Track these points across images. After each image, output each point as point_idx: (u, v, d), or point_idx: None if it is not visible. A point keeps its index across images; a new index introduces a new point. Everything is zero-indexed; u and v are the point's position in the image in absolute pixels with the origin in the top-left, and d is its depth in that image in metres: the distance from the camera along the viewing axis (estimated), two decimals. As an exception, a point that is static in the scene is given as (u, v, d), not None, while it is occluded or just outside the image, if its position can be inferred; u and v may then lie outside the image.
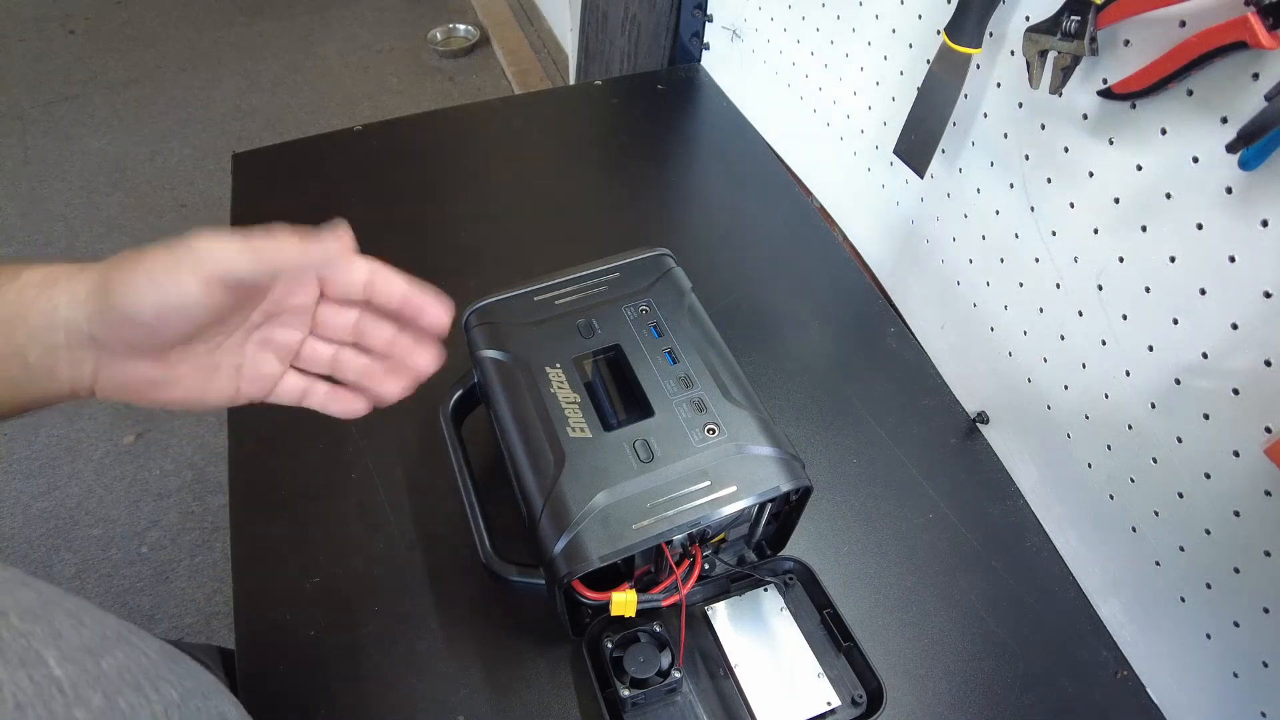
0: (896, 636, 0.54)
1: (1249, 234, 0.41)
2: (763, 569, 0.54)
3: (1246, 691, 0.47)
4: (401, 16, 2.64)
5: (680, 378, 0.49)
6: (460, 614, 0.54)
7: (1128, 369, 0.51)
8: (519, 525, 0.49)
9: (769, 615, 0.52)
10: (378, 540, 0.58)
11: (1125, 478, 0.53)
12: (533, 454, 0.47)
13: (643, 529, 0.43)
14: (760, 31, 0.88)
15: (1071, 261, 0.54)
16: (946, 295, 0.69)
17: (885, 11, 0.67)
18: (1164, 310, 0.47)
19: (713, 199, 0.86)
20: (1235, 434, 0.44)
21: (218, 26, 2.56)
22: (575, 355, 0.51)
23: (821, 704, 0.48)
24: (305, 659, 0.52)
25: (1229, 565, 0.46)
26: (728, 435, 0.46)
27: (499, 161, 0.89)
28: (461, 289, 0.56)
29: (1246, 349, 0.43)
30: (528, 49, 2.39)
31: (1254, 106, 0.39)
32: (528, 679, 0.52)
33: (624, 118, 0.97)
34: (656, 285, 0.55)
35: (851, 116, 0.76)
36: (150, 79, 2.34)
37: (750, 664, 0.50)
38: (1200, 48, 0.39)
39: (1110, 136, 0.49)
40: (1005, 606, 0.56)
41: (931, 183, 0.67)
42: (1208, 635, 0.49)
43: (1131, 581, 0.54)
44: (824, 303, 0.75)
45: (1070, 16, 0.46)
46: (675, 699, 0.49)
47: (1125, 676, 0.54)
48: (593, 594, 0.45)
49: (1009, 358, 0.63)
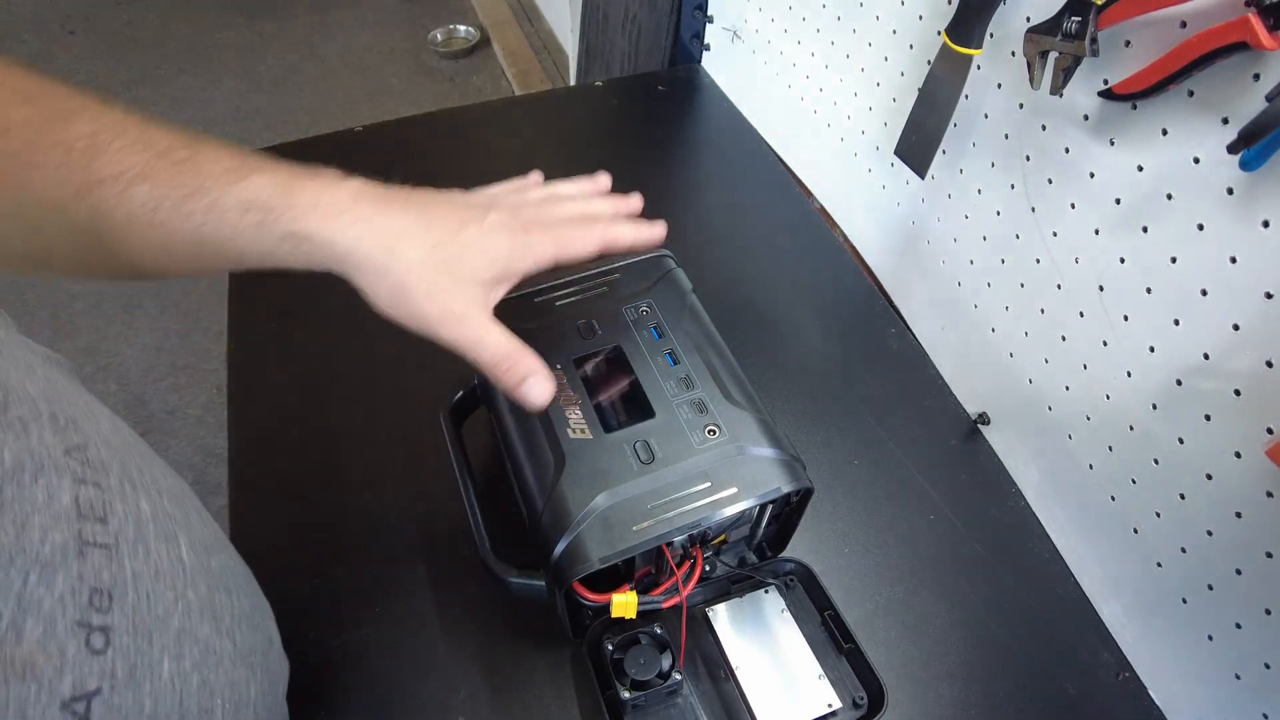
0: (898, 638, 0.54)
1: (1250, 235, 0.41)
2: (763, 570, 0.53)
3: (1248, 693, 0.47)
4: (401, 17, 2.65)
5: (681, 379, 0.49)
6: (460, 615, 0.54)
7: (1129, 370, 0.51)
8: (519, 527, 0.49)
9: (770, 617, 0.52)
10: (377, 542, 0.58)
11: (1127, 479, 0.53)
12: (533, 455, 0.47)
13: (643, 530, 0.43)
14: (761, 32, 0.88)
15: (1073, 262, 0.54)
16: (947, 296, 0.69)
17: (886, 12, 0.67)
18: (1165, 311, 0.47)
19: (713, 200, 0.86)
20: (1237, 435, 0.44)
21: (218, 27, 2.56)
22: (575, 356, 0.50)
23: (822, 706, 0.48)
24: (305, 660, 0.51)
25: (1231, 566, 0.46)
26: (728, 436, 0.46)
27: (499, 162, 0.89)
28: (462, 290, 0.57)
29: (1248, 350, 0.42)
30: (528, 50, 2.39)
31: (1255, 107, 0.39)
32: (528, 680, 0.51)
33: (624, 119, 0.97)
34: (657, 286, 0.55)
35: (852, 117, 0.76)
36: (150, 80, 2.34)
37: (751, 666, 0.49)
38: (1201, 48, 0.39)
39: (1111, 137, 0.48)
40: (1006, 608, 0.56)
41: (932, 183, 0.67)
42: (1209, 637, 0.49)
43: (1133, 583, 0.54)
44: (825, 304, 0.75)
45: (1071, 17, 0.46)
46: (676, 701, 0.49)
47: (1127, 678, 0.54)
48: (593, 595, 0.44)
49: (1010, 358, 0.63)
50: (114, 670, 0.27)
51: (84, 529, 0.27)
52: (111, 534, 0.28)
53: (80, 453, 0.29)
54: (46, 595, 0.24)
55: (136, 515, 0.31)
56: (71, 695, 0.25)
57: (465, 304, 0.38)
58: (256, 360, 0.69)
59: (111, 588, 0.27)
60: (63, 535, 0.26)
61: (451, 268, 0.38)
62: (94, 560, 0.27)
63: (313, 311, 0.71)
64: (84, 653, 0.25)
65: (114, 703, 0.26)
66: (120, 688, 0.27)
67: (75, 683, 0.25)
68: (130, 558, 0.29)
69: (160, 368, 1.68)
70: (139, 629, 0.28)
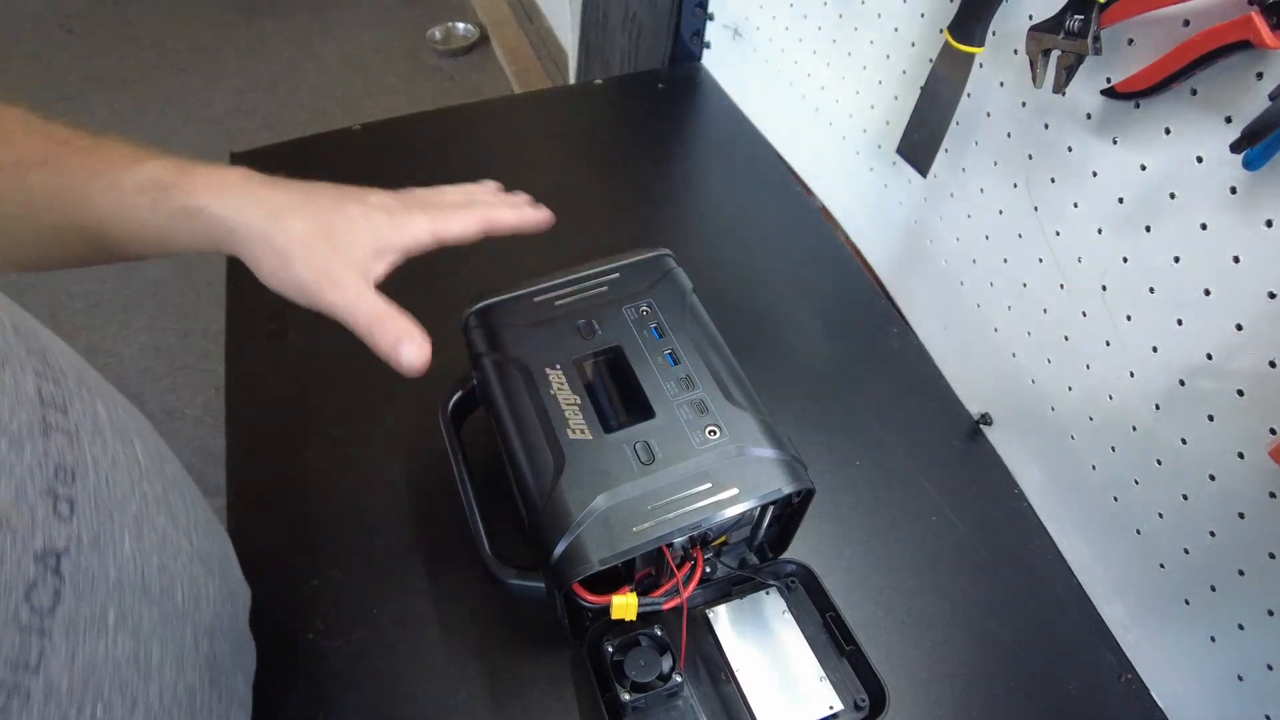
0: (899, 640, 0.54)
1: (1253, 234, 0.41)
2: (764, 572, 0.53)
3: (1251, 695, 0.47)
4: (401, 16, 2.64)
5: (681, 379, 0.49)
6: (460, 617, 0.54)
7: (1132, 370, 0.51)
8: (519, 528, 0.48)
9: (771, 618, 0.52)
10: (376, 543, 0.57)
11: (1129, 479, 0.53)
12: (532, 456, 0.46)
13: (643, 531, 0.43)
14: (761, 30, 0.88)
15: (1075, 262, 0.54)
16: (949, 296, 0.69)
17: (887, 10, 0.66)
18: (1168, 311, 0.47)
19: (714, 199, 0.86)
20: (1240, 436, 0.44)
21: (216, 26, 2.56)
22: (575, 356, 0.50)
23: (824, 708, 0.48)
24: (304, 662, 0.51)
25: (1233, 568, 0.46)
26: (729, 437, 0.46)
27: (499, 161, 0.89)
28: (461, 290, 0.56)
29: (1251, 350, 0.42)
30: (528, 48, 2.39)
31: (1258, 106, 0.38)
32: (528, 682, 0.51)
33: (624, 117, 0.96)
34: (657, 286, 0.55)
35: (854, 115, 0.76)
36: (149, 79, 2.34)
37: (752, 667, 0.49)
38: (1204, 47, 0.39)
39: (1114, 136, 0.48)
40: (1008, 609, 0.56)
41: (934, 182, 0.67)
42: (1212, 638, 0.49)
43: (1136, 584, 0.54)
44: (826, 303, 0.75)
45: (1073, 15, 0.46)
46: (676, 703, 0.49)
47: (1129, 680, 0.54)
48: (593, 597, 0.44)
49: (1012, 359, 0.62)
50: (80, 536, 0.28)
51: (47, 415, 0.29)
52: (72, 424, 0.30)
53: (40, 356, 0.30)
54: (17, 463, 0.26)
55: (94, 414, 0.32)
56: (43, 549, 0.26)
57: (342, 270, 0.39)
58: (255, 361, 0.69)
59: (74, 467, 0.29)
60: (28, 416, 0.27)
61: (331, 236, 0.39)
62: (57, 441, 0.29)
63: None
64: (52, 517, 0.27)
65: (81, 564, 0.28)
66: (86, 552, 0.29)
67: (45, 541, 0.26)
68: (90, 445, 0.31)
69: (158, 368, 1.68)
70: (100, 506, 0.30)
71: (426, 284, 0.52)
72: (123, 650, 0.30)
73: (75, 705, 0.27)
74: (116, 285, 1.79)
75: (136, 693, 0.31)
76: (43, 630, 0.25)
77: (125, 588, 0.31)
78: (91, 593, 0.29)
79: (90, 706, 0.28)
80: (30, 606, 0.25)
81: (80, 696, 0.27)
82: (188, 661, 0.36)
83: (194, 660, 0.36)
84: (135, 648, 0.31)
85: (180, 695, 0.35)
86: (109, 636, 0.29)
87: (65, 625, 0.27)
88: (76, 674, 0.27)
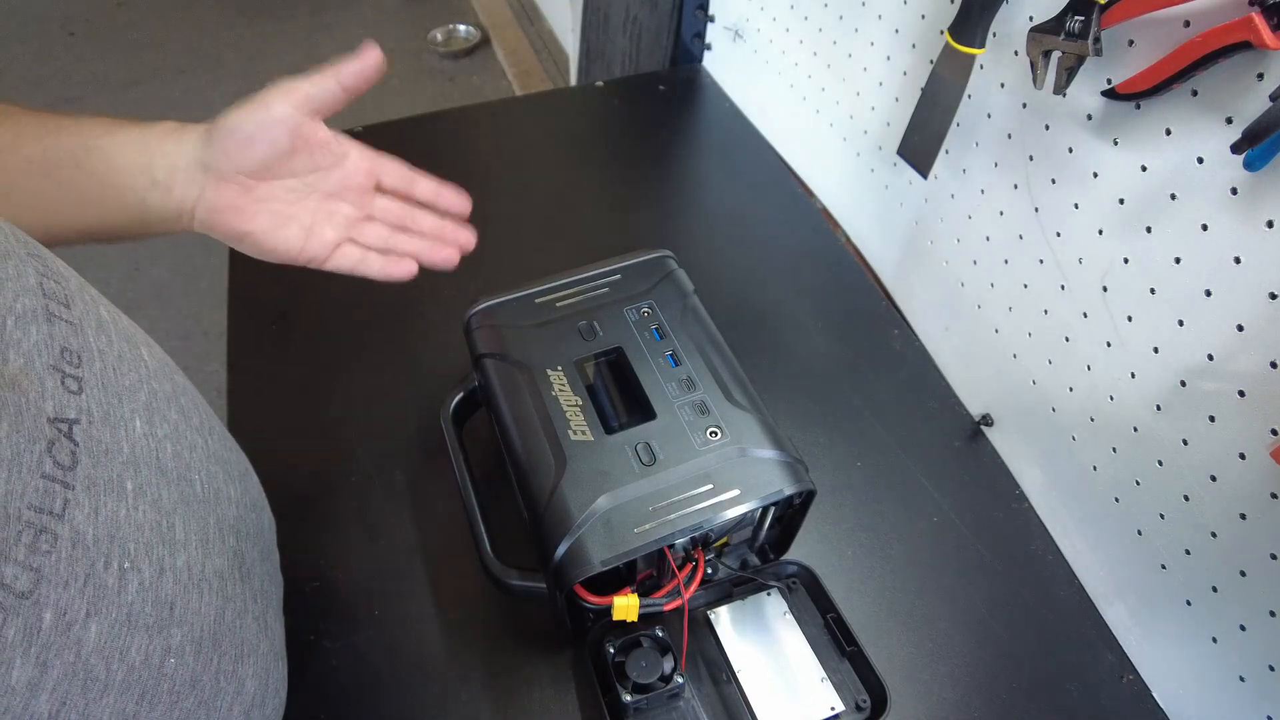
0: (900, 641, 0.54)
1: (1254, 235, 0.41)
2: (766, 573, 0.53)
3: (1253, 695, 0.47)
4: (402, 17, 2.65)
5: (682, 380, 0.49)
6: (461, 618, 0.54)
7: (1133, 371, 0.51)
8: (520, 529, 0.48)
9: (772, 620, 0.52)
10: (378, 544, 0.57)
11: (1131, 480, 0.53)
12: (534, 457, 0.46)
13: (645, 533, 0.43)
14: (762, 32, 0.88)
15: (1076, 263, 0.54)
16: (950, 297, 0.69)
17: (888, 12, 0.66)
18: (1169, 312, 0.47)
19: (715, 200, 0.86)
20: (1241, 436, 0.44)
21: (218, 28, 2.56)
22: (577, 358, 0.50)
23: (825, 709, 0.48)
24: (304, 663, 0.51)
25: (1235, 568, 0.46)
26: (730, 438, 0.46)
27: (500, 163, 0.89)
28: (462, 291, 0.57)
29: (1252, 351, 0.42)
30: (528, 50, 2.39)
31: (1259, 107, 0.38)
32: (529, 683, 0.51)
33: (625, 119, 0.96)
34: (658, 287, 0.55)
35: (854, 117, 0.76)
36: (150, 80, 2.34)
37: (753, 669, 0.49)
38: (1205, 48, 0.39)
39: (1115, 137, 0.48)
40: (1010, 610, 0.56)
41: (935, 184, 0.67)
42: (1214, 639, 0.48)
43: (1137, 585, 0.54)
44: (827, 305, 0.75)
45: (1074, 16, 0.46)
46: (677, 704, 0.49)
47: (1131, 681, 0.53)
48: (594, 598, 0.44)
49: (1013, 360, 0.62)
50: (90, 409, 0.29)
51: (50, 305, 0.29)
52: (75, 317, 0.31)
53: (41, 259, 0.31)
54: (24, 339, 0.27)
55: (97, 314, 0.33)
56: (55, 415, 0.27)
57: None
58: (256, 362, 0.69)
59: (80, 352, 0.30)
60: (32, 301, 0.28)
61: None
62: (61, 329, 0.29)
63: (312, 313, 0.71)
64: (61, 390, 0.28)
65: (93, 434, 0.29)
66: (98, 424, 0.29)
67: (56, 408, 0.27)
68: (95, 338, 0.32)
69: (161, 369, 1.68)
70: (108, 389, 0.31)
71: (428, 285, 0.52)
72: (145, 517, 0.31)
73: (103, 557, 0.28)
74: (119, 287, 1.79)
75: (163, 560, 0.32)
76: (66, 483, 0.26)
77: (140, 463, 0.32)
78: (107, 460, 0.29)
79: (117, 561, 0.29)
80: (53, 459, 0.26)
81: (107, 549, 0.28)
82: (214, 548, 0.36)
83: (220, 549, 0.37)
84: (157, 519, 0.32)
85: (209, 576, 0.35)
86: (129, 502, 0.30)
87: (86, 483, 0.28)
88: (101, 528, 0.28)
